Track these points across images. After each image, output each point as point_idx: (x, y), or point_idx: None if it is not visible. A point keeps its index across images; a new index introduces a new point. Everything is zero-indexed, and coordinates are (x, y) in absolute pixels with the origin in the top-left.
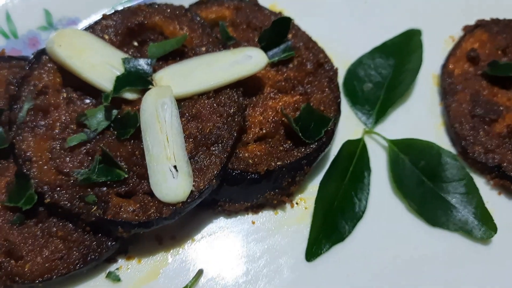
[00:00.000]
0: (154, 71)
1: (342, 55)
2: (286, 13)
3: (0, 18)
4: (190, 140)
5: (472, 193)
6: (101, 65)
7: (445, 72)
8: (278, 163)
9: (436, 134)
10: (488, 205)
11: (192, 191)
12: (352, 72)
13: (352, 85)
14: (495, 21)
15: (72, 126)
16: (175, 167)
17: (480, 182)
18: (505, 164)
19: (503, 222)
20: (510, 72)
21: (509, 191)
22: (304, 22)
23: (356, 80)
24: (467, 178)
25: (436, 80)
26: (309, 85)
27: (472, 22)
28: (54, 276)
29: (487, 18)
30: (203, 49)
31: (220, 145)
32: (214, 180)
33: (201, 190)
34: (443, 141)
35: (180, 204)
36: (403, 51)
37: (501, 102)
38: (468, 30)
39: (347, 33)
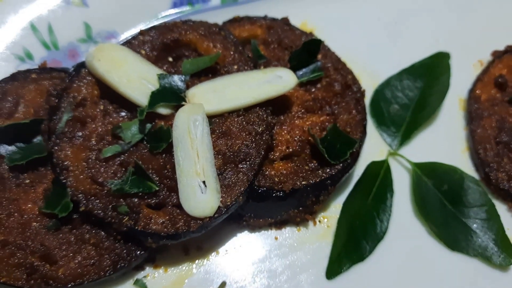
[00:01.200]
0: (187, 87)
1: (371, 75)
2: (317, 31)
3: (43, 29)
4: (219, 156)
5: (493, 219)
6: (137, 80)
7: (472, 97)
8: (303, 182)
9: (460, 159)
10: (509, 232)
11: (219, 207)
12: (379, 93)
13: (378, 106)
14: None
15: (108, 137)
16: (204, 182)
17: (502, 208)
18: None
19: None
20: None
21: None
22: (334, 41)
23: (383, 101)
24: (488, 204)
25: (462, 105)
26: (336, 106)
27: (501, 47)
28: (86, 281)
29: None
30: (235, 67)
31: (248, 162)
32: (241, 197)
33: (228, 206)
34: (467, 166)
35: (208, 219)
36: (431, 73)
37: None
38: (497, 56)
39: (376, 53)
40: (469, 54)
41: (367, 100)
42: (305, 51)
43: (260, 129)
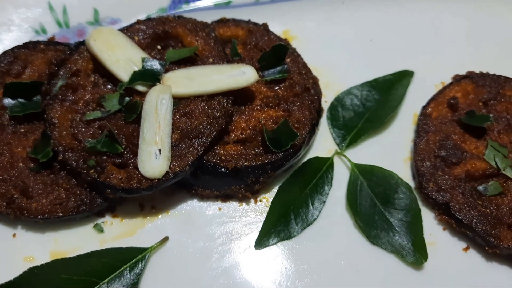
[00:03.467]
0: (167, 71)
1: (338, 84)
2: (297, 39)
3: (58, 10)
4: (178, 131)
5: (416, 223)
6: (124, 60)
7: (423, 113)
8: (245, 163)
9: (401, 167)
10: (431, 237)
11: (167, 172)
12: (340, 99)
13: (336, 110)
14: (484, 75)
15: (93, 104)
16: (159, 150)
17: (429, 215)
18: (452, 204)
19: (440, 254)
20: (483, 123)
21: (452, 229)
22: (311, 50)
23: (341, 107)
24: (415, 210)
25: (416, 119)
26: (292, 104)
27: (464, 72)
28: (53, 217)
29: (479, 70)
30: (210, 60)
31: (200, 140)
32: (188, 167)
33: (176, 173)
34: (405, 174)
35: (156, 180)
36: (390, 88)
37: (467, 148)
38: (456, 79)
39: (348, 64)
40: (433, 75)
41: (329, 103)
42: (273, 54)
43: (218, 114)
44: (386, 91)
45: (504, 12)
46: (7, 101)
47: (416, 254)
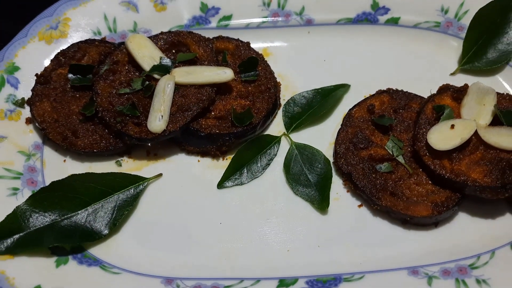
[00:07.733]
0: (175, 67)
1: (295, 87)
2: (272, 55)
3: (110, 20)
4: (176, 106)
5: (326, 185)
6: (148, 57)
7: (349, 114)
8: (217, 131)
9: (327, 148)
10: (337, 196)
11: (165, 130)
12: (293, 98)
13: (290, 106)
14: (398, 91)
15: (125, 84)
16: (162, 116)
17: (339, 181)
18: (353, 174)
19: (342, 207)
20: (387, 123)
21: (352, 191)
22: (281, 63)
23: (294, 104)
24: (328, 176)
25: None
26: (256, 98)
27: (385, 87)
28: (90, 151)
29: (396, 87)
30: (206, 63)
31: (189, 112)
32: (179, 129)
33: (170, 131)
34: (329, 153)
35: (157, 134)
36: (329, 94)
37: (374, 139)
38: (378, 92)
39: (305, 75)
40: (364, 88)
41: (285, 101)
42: (249, 63)
43: (204, 98)
44: (327, 96)
45: (423, 46)
46: (71, 75)
47: (322, 203)
